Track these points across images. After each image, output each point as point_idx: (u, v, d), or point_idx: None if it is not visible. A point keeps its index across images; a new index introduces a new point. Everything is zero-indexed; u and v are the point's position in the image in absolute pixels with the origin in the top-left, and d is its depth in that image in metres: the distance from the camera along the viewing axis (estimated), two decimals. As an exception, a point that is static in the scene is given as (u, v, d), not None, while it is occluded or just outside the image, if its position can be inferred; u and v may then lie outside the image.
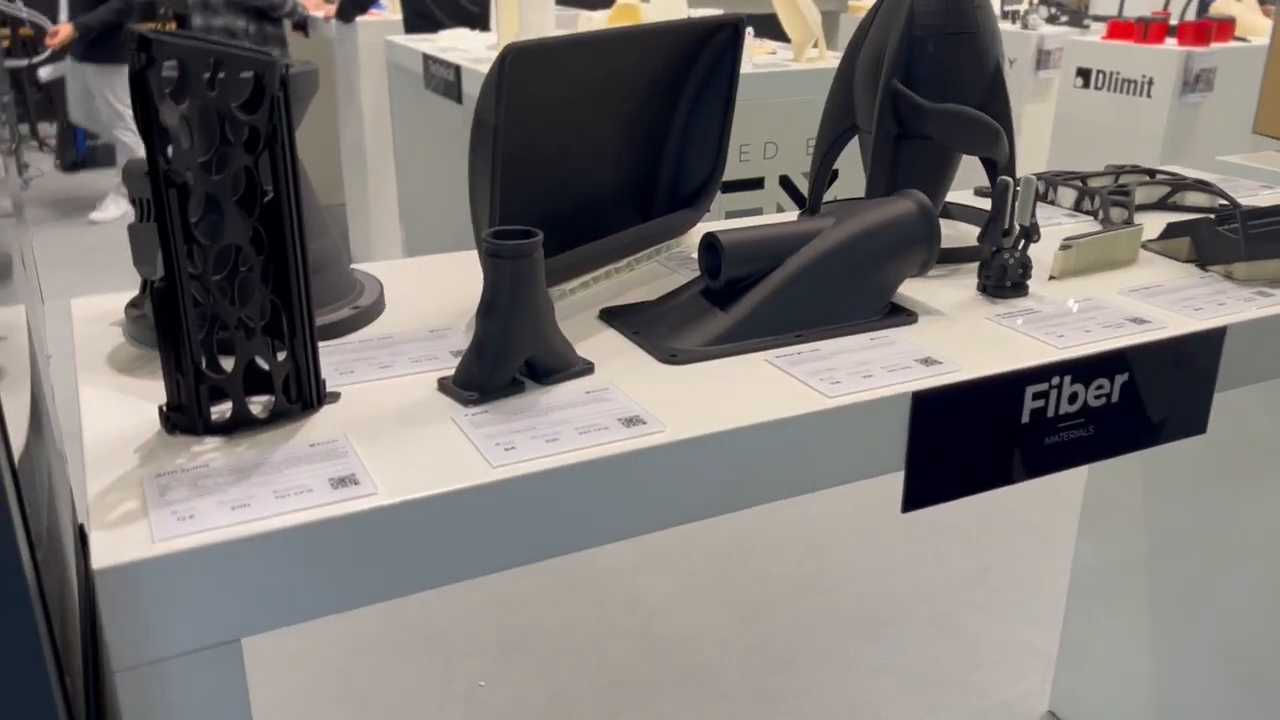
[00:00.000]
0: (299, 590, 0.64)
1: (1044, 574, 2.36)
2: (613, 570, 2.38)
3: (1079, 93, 3.75)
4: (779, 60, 2.82)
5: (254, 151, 0.69)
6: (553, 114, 0.97)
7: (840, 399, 0.80)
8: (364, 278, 1.02)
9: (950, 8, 1.06)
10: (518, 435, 0.74)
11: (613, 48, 1.00)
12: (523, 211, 0.96)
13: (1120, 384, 0.90)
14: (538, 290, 0.80)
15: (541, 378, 0.82)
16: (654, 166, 1.17)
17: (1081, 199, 1.29)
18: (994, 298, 1.00)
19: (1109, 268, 1.09)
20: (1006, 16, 4.53)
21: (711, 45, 1.13)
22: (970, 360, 0.86)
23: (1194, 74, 3.45)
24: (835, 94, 1.21)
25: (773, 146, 2.76)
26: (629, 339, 0.92)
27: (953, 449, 0.84)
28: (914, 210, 0.96)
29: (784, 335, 0.91)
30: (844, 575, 2.37)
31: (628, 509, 0.74)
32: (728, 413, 0.78)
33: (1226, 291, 1.02)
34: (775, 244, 0.95)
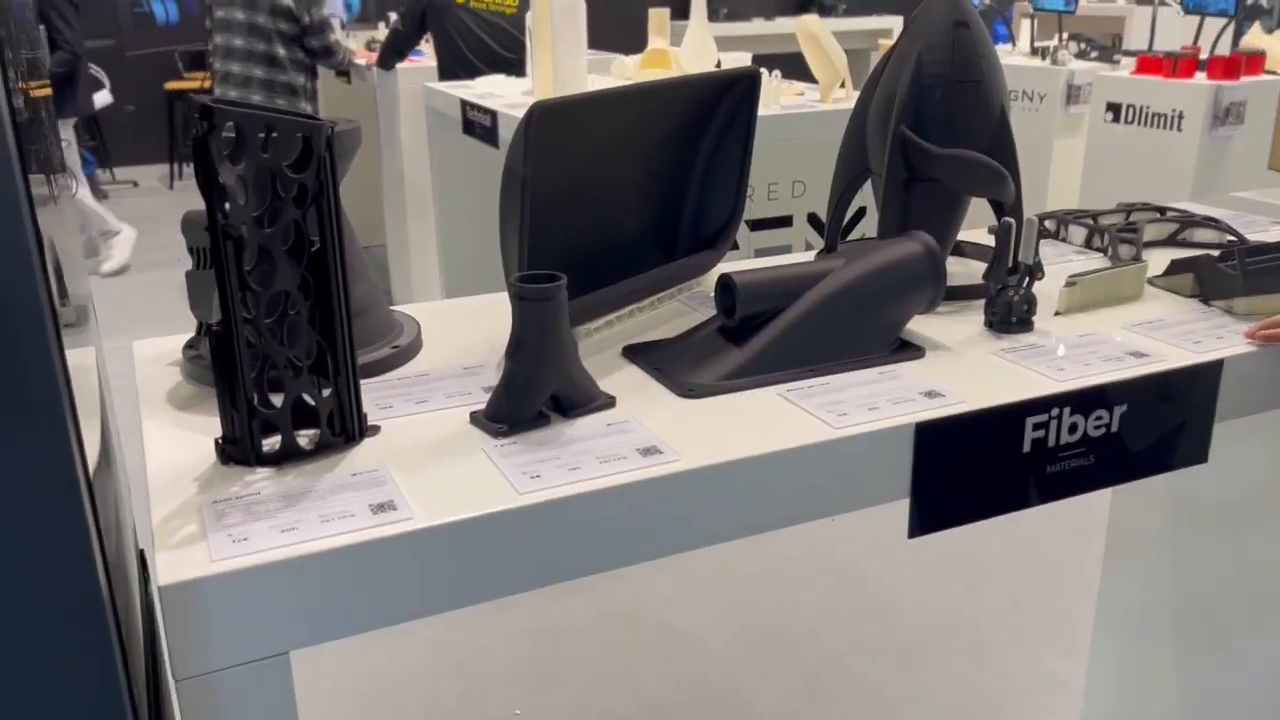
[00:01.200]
0: (342, 607, 0.70)
1: (1074, 606, 2.36)
2: (648, 599, 2.42)
3: (1109, 127, 3.78)
4: (806, 101, 2.88)
5: (302, 206, 0.76)
6: (578, 163, 1.04)
7: (846, 430, 0.85)
8: (403, 319, 1.09)
9: (956, 57, 1.12)
10: (543, 464, 0.79)
11: (634, 101, 1.07)
12: (550, 255, 1.02)
13: (1119, 415, 0.94)
14: (562, 330, 0.86)
15: (566, 411, 0.88)
16: (676, 210, 1.23)
17: (1092, 236, 1.33)
18: (999, 333, 1.05)
19: (1115, 303, 1.13)
20: (1037, 53, 4.58)
21: (730, 95, 1.19)
22: (973, 393, 0.91)
23: (1224, 108, 3.46)
24: (849, 139, 1.27)
25: (800, 185, 2.82)
26: (649, 374, 0.98)
27: (956, 477, 0.89)
28: (920, 251, 1.01)
29: (796, 370, 0.96)
30: (878, 606, 2.40)
31: (645, 533, 0.79)
32: (740, 443, 0.83)
33: (1226, 326, 1.05)
34: (787, 283, 1.00)
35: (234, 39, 3.89)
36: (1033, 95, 4.36)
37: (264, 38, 3.78)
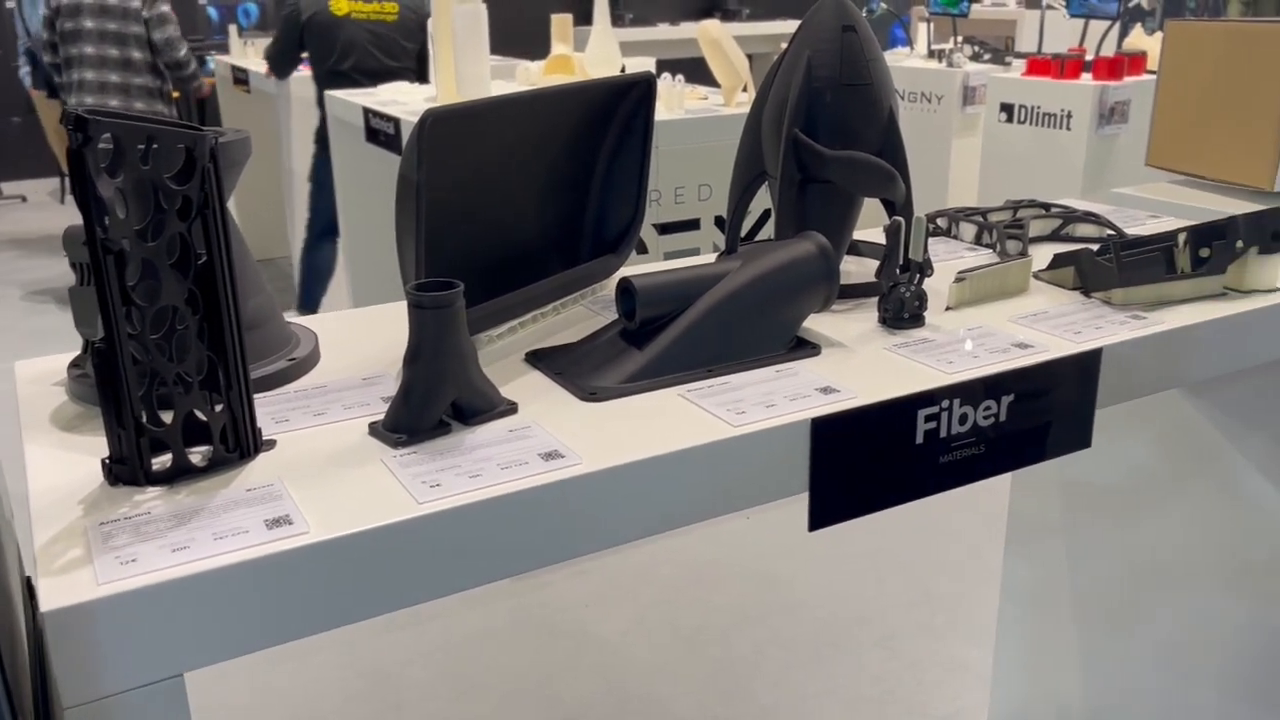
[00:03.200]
0: (239, 625, 0.69)
1: (980, 595, 2.44)
2: (565, 606, 2.42)
3: (1003, 126, 3.91)
4: (710, 105, 2.92)
5: (187, 218, 0.75)
6: (475, 170, 1.03)
7: (745, 428, 0.86)
8: (300, 331, 1.07)
9: (845, 61, 1.15)
10: (443, 473, 0.79)
11: (530, 107, 1.07)
12: (449, 262, 1.02)
13: (1007, 404, 0.97)
14: (460, 337, 0.85)
15: (467, 419, 0.88)
16: (577, 215, 1.23)
17: (981, 233, 1.38)
18: (893, 329, 1.08)
19: (1002, 297, 1.17)
20: (933, 56, 4.70)
21: (628, 100, 1.20)
22: (867, 387, 0.93)
23: (1109, 107, 3.61)
24: (745, 143, 1.29)
25: (707, 189, 2.85)
26: (552, 379, 0.98)
27: (852, 470, 0.91)
28: (814, 251, 1.04)
29: (696, 370, 0.98)
30: (791, 603, 2.43)
31: (550, 537, 0.80)
32: (641, 444, 0.84)
33: (1105, 316, 1.10)
34: (686, 286, 1.02)
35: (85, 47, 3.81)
36: (930, 97, 4.48)
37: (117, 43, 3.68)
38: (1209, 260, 1.15)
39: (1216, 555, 1.52)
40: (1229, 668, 1.53)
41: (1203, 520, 1.53)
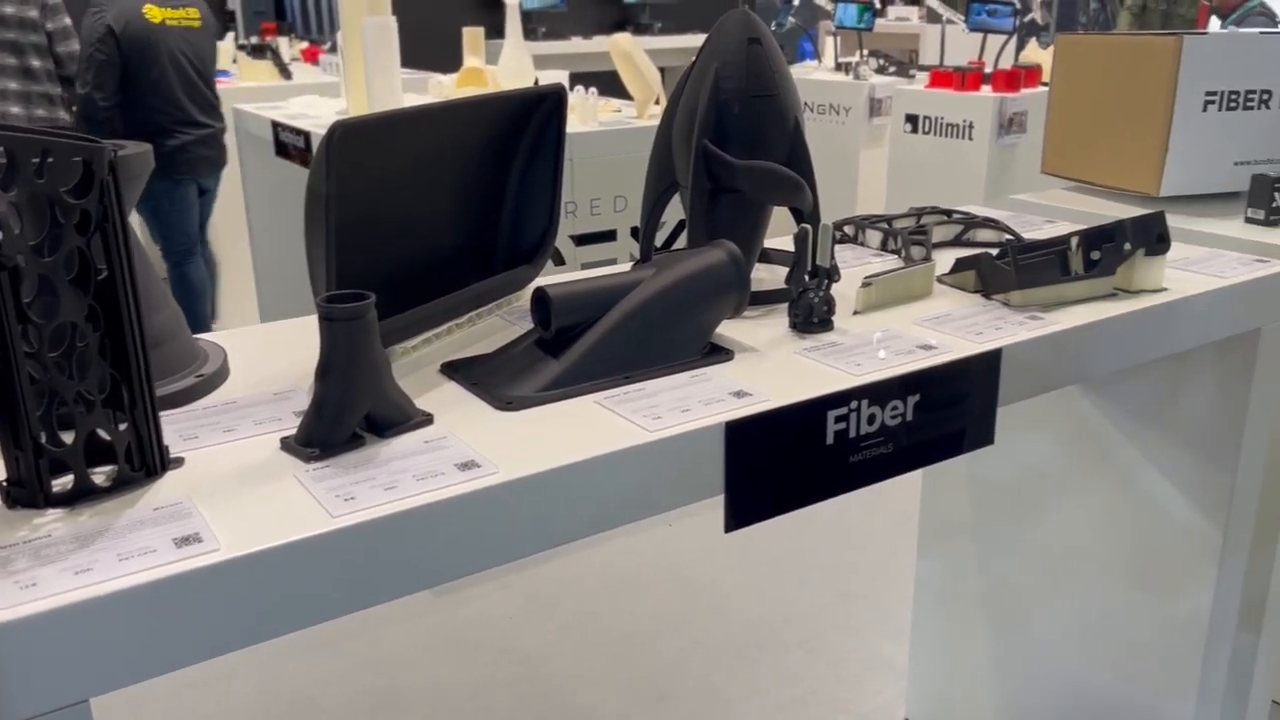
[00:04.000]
0: (147, 647, 0.68)
1: (897, 593, 2.49)
2: (486, 620, 2.40)
3: (908, 137, 4.01)
4: (624, 118, 2.94)
5: (86, 233, 0.73)
6: (385, 181, 1.03)
7: (660, 433, 0.88)
8: (208, 346, 1.05)
9: (751, 72, 1.17)
10: (357, 486, 0.78)
11: (440, 119, 1.07)
12: (361, 275, 1.01)
13: (913, 404, 1.00)
14: (373, 349, 0.85)
15: (382, 431, 0.87)
16: (491, 226, 1.24)
17: (886, 239, 1.42)
18: (803, 334, 1.10)
19: (907, 301, 1.21)
20: (841, 69, 4.81)
21: (539, 112, 1.21)
22: (778, 391, 0.95)
23: (1008, 117, 3.74)
24: (656, 153, 1.31)
25: (622, 200, 2.87)
26: (468, 390, 0.98)
27: (766, 471, 0.93)
28: (725, 259, 1.05)
29: (612, 377, 0.98)
30: (714, 608, 2.45)
31: (467, 547, 0.80)
32: (558, 451, 0.84)
33: (1005, 317, 1.14)
34: (600, 294, 1.03)
35: None
36: (839, 109, 4.58)
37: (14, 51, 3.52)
38: (1100, 262, 1.20)
39: (1115, 546, 1.58)
40: (1128, 654, 1.59)
41: (1101, 513, 1.59)
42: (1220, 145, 1.64)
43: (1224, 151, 1.64)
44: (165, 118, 3.49)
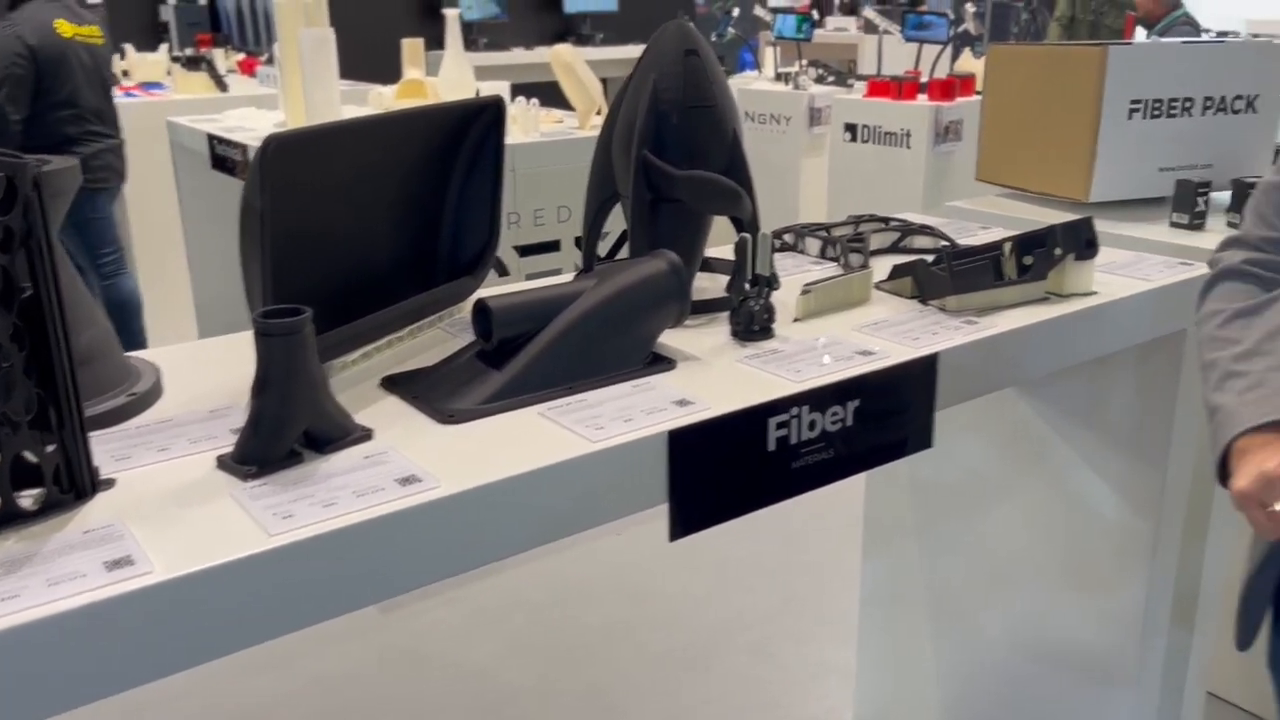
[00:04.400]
0: (79, 674, 0.66)
1: (842, 597, 2.51)
2: (433, 634, 2.38)
3: (848, 146, 4.06)
4: (565, 128, 2.94)
5: (9, 250, 0.71)
6: (322, 194, 1.02)
7: (603, 443, 0.88)
8: (141, 364, 1.03)
9: (689, 84, 1.18)
10: (295, 504, 0.77)
11: (376, 131, 1.06)
12: (298, 289, 1.00)
13: (853, 409, 1.02)
14: (310, 364, 0.84)
15: (320, 447, 0.86)
16: (431, 238, 1.23)
17: (825, 247, 1.44)
18: (744, 341, 1.11)
19: (846, 307, 1.23)
20: (780, 79, 4.86)
21: (478, 124, 1.20)
22: (720, 399, 0.96)
23: (944, 126, 3.80)
24: (596, 165, 1.31)
25: (566, 210, 2.87)
26: (409, 403, 0.97)
27: (709, 479, 0.93)
28: (666, 269, 1.06)
29: (555, 388, 0.98)
30: (663, 616, 2.46)
31: (410, 563, 0.79)
32: (500, 464, 0.84)
33: (942, 322, 1.16)
34: (542, 305, 1.03)
35: None
36: (779, 118, 4.62)
37: None
38: (1032, 267, 1.23)
39: (1051, 545, 1.62)
40: (1068, 651, 1.63)
41: (1038, 513, 1.62)
42: (1145, 152, 1.68)
43: (1149, 158, 1.69)
44: (75, 128, 3.42)
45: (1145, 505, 1.48)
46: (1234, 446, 0.96)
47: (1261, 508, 0.90)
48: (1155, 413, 1.44)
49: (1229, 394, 0.99)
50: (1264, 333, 1.00)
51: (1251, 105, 1.71)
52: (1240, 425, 0.96)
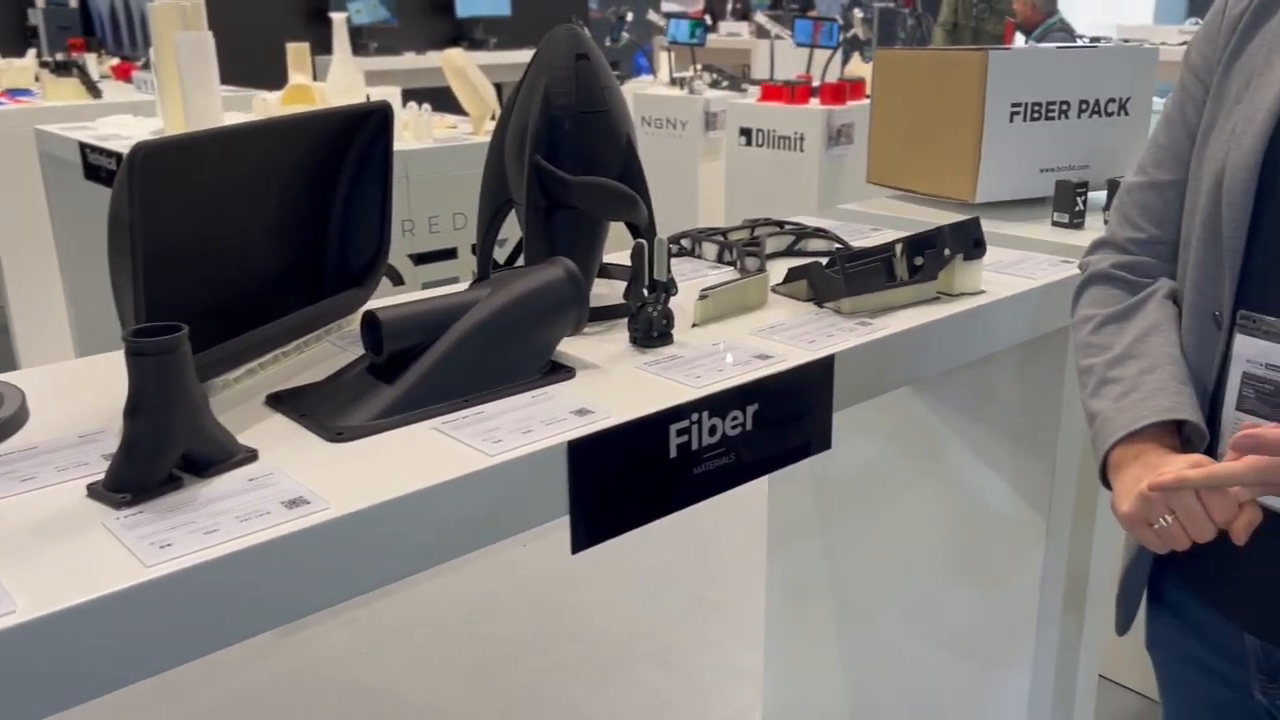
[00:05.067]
0: (-68, 727, 0.61)
1: (749, 599, 2.53)
2: (330, 658, 2.31)
3: (743, 149, 4.11)
4: (459, 134, 2.90)
5: None
6: (198, 205, 0.97)
7: (501, 456, 0.85)
8: (3, 388, 0.96)
9: (581, 88, 1.17)
10: (174, 532, 0.73)
11: (258, 139, 1.02)
12: (174, 305, 0.95)
13: (752, 413, 1.01)
14: (187, 384, 0.80)
15: (201, 470, 0.82)
16: (318, 248, 1.19)
17: (722, 251, 1.44)
18: (643, 348, 1.10)
19: (743, 312, 1.23)
20: (676, 83, 4.89)
21: (364, 130, 1.17)
22: (621, 407, 0.95)
23: (835, 129, 3.87)
24: (489, 171, 1.29)
25: (462, 217, 2.82)
26: (296, 421, 0.93)
27: (611, 489, 0.92)
28: (562, 276, 1.04)
29: (449, 401, 0.96)
30: (570, 627, 2.43)
31: (298, 589, 0.75)
32: (393, 482, 0.81)
33: (837, 324, 1.17)
34: (434, 316, 1.00)
35: None
36: (675, 123, 4.65)
37: None
38: (922, 268, 1.25)
39: (948, 539, 1.65)
40: (966, 642, 1.66)
41: (935, 507, 1.66)
42: (1026, 154, 1.73)
43: (1030, 160, 1.74)
44: None
45: (1036, 497, 1.52)
46: (1110, 458, 0.98)
47: (1148, 526, 0.91)
48: (1042, 407, 1.48)
49: (1104, 400, 1.01)
50: (1134, 336, 1.03)
51: (1124, 108, 1.78)
52: (1115, 434, 0.97)
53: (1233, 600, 1.01)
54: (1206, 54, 1.03)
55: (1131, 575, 1.10)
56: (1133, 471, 0.94)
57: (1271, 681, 1.00)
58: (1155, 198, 1.08)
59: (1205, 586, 1.04)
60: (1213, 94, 1.00)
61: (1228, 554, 0.91)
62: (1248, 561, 0.95)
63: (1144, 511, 0.91)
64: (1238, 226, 0.94)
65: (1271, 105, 0.92)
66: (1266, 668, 1.00)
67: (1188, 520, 0.88)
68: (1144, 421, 0.95)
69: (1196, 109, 1.03)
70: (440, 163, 2.70)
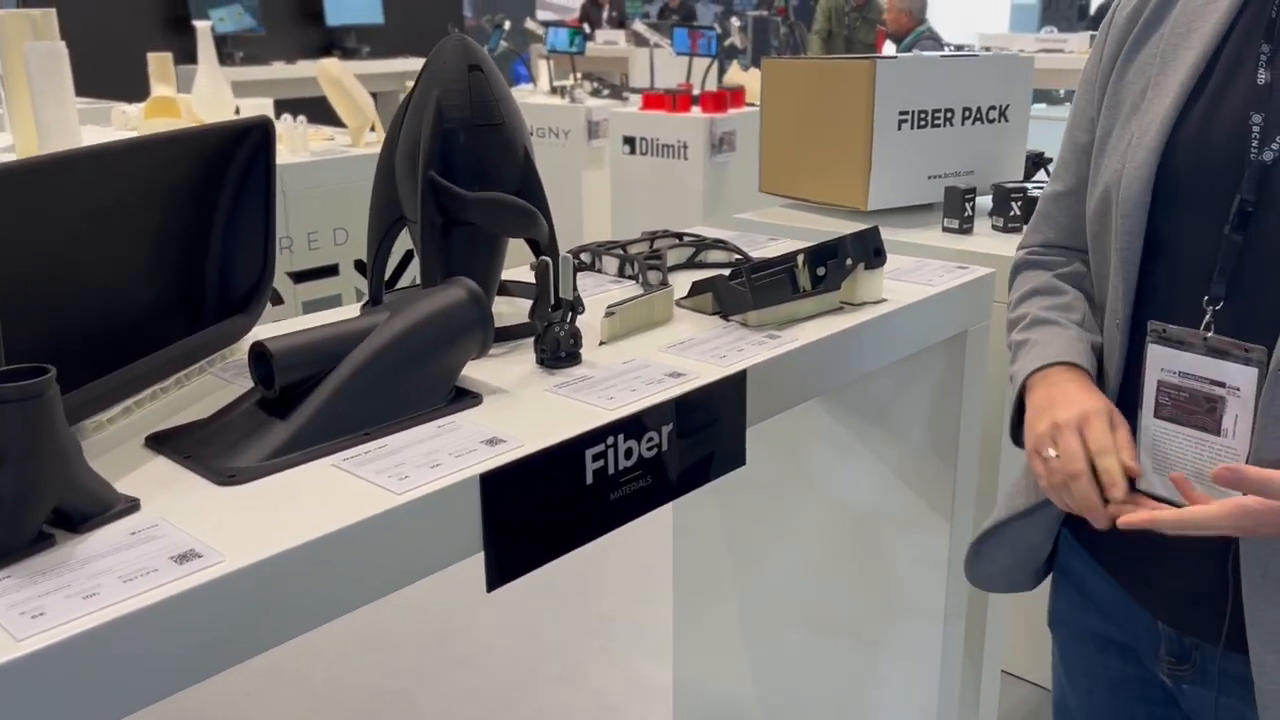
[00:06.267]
0: None
1: (654, 610, 2.51)
2: (224, 701, 2.19)
3: (627, 158, 4.10)
4: (338, 146, 2.80)
5: None
6: (59, 234, 0.89)
7: (409, 494, 0.80)
8: None
9: (475, 101, 1.12)
10: (48, 598, 0.66)
11: (124, 160, 0.94)
12: (36, 344, 0.86)
13: (667, 434, 0.99)
14: (56, 431, 0.72)
15: (76, 525, 0.75)
16: (196, 275, 1.11)
17: (623, 265, 1.41)
18: (551, 369, 1.06)
19: (650, 327, 1.20)
20: (556, 92, 4.85)
21: (244, 146, 1.09)
22: (533, 434, 0.91)
23: (718, 137, 3.90)
24: (379, 187, 1.22)
25: (343, 232, 2.73)
26: (180, 464, 0.86)
27: (528, 521, 0.88)
28: (464, 296, 0.99)
29: (350, 435, 0.90)
30: (471, 652, 2.37)
31: (193, 653, 0.69)
32: (293, 529, 0.75)
33: (745, 338, 1.16)
34: (329, 344, 0.94)
35: None
36: (558, 132, 4.61)
37: None
38: (825, 278, 1.24)
39: (855, 544, 1.66)
40: (875, 645, 1.68)
41: (841, 514, 1.66)
42: (914, 161, 1.76)
43: (918, 166, 1.77)
44: None
45: (938, 499, 1.54)
46: (1026, 400, 1.04)
47: (1039, 456, 0.97)
48: (943, 409, 1.50)
49: (1020, 361, 1.06)
50: (1048, 305, 1.08)
51: (1004, 115, 1.83)
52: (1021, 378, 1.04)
53: (1147, 590, 1.03)
54: (1094, 66, 1.06)
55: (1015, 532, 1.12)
56: (1039, 393, 1.01)
57: (1179, 664, 1.02)
58: (1054, 208, 1.12)
59: (1116, 569, 1.06)
60: (1107, 100, 1.03)
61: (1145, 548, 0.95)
62: (1166, 555, 0.98)
63: (1038, 444, 0.97)
64: (1132, 238, 0.96)
65: (1166, 116, 0.94)
66: (1177, 650, 1.02)
67: (1067, 459, 0.94)
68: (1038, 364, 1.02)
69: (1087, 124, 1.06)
70: (319, 176, 2.61)
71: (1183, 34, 0.97)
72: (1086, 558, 1.10)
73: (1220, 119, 0.92)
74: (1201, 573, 0.96)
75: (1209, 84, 0.94)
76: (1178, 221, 0.94)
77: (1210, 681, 0.99)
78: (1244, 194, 0.89)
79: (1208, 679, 1.00)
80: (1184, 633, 1.00)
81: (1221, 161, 0.91)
